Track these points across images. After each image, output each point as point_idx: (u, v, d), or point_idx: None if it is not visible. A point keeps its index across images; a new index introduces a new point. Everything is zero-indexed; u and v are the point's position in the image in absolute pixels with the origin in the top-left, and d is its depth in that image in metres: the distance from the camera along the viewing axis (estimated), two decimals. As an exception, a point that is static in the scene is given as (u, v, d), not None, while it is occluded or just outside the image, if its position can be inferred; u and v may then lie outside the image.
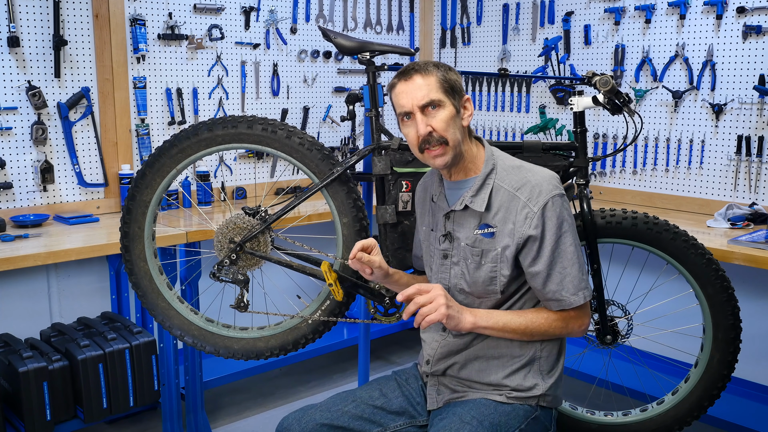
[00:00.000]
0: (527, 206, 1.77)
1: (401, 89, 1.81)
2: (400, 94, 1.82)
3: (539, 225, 1.76)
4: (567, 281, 1.78)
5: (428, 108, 1.78)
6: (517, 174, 1.83)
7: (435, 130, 1.78)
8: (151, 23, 3.31)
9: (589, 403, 2.83)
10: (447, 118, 1.78)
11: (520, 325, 1.80)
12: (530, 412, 1.86)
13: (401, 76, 1.82)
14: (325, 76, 3.98)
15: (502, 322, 1.80)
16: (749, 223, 2.92)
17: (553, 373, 1.90)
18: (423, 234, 2.02)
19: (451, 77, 1.81)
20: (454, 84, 1.81)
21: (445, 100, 1.79)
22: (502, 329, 1.80)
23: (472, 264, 1.84)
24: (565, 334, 1.86)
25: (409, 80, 1.80)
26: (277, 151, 2.19)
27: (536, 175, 1.82)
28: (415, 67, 1.81)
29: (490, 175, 1.84)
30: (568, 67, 3.76)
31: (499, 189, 1.82)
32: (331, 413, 1.89)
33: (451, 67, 1.85)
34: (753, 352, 2.86)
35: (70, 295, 3.20)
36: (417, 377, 2.03)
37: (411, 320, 2.17)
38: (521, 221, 1.78)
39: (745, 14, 3.10)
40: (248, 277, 2.21)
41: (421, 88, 1.78)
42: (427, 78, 1.79)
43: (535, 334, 1.82)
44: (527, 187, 1.79)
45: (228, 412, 3.42)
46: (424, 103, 1.78)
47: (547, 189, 1.78)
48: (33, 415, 2.61)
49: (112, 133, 3.25)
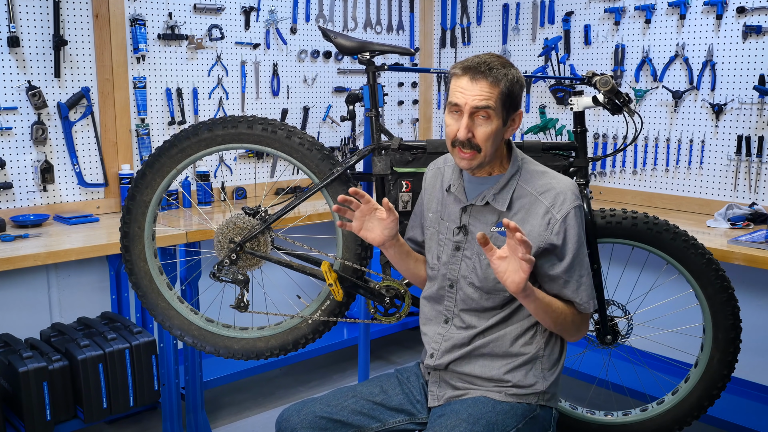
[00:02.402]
0: (550, 212, 1.79)
1: (464, 85, 1.76)
2: (460, 89, 1.77)
3: (561, 233, 1.78)
4: (582, 289, 1.82)
5: (478, 114, 1.76)
6: (542, 179, 1.84)
7: (475, 137, 1.77)
8: (151, 23, 3.31)
9: (589, 403, 2.83)
10: (491, 132, 1.76)
11: (557, 309, 1.80)
12: (529, 411, 1.86)
13: (470, 71, 1.76)
14: (325, 76, 3.98)
15: (547, 300, 1.79)
16: (749, 223, 2.92)
17: (553, 372, 1.90)
18: (430, 220, 2.00)
19: (515, 90, 1.78)
20: (514, 99, 1.79)
21: (498, 112, 1.76)
22: (546, 305, 1.77)
23: (485, 260, 1.84)
24: (574, 332, 1.88)
25: (475, 81, 1.75)
26: (277, 151, 2.19)
27: (560, 182, 1.83)
28: (485, 70, 1.74)
29: (514, 176, 1.85)
30: (568, 67, 3.76)
31: (522, 191, 1.83)
32: (331, 407, 1.91)
33: (520, 78, 1.80)
34: (753, 352, 2.86)
35: (70, 295, 3.20)
36: (418, 376, 2.03)
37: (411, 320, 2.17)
38: (543, 226, 1.79)
39: (745, 14, 3.10)
40: (248, 277, 2.21)
41: (482, 93, 1.74)
42: (493, 87, 1.74)
43: (563, 323, 1.82)
44: (551, 193, 1.80)
45: (228, 412, 3.42)
46: (477, 106, 1.75)
47: (571, 198, 1.80)
48: (33, 415, 2.61)
49: (112, 133, 3.25)
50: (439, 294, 1.96)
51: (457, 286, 1.91)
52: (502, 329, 1.88)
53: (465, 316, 1.91)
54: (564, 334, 1.88)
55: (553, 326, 1.83)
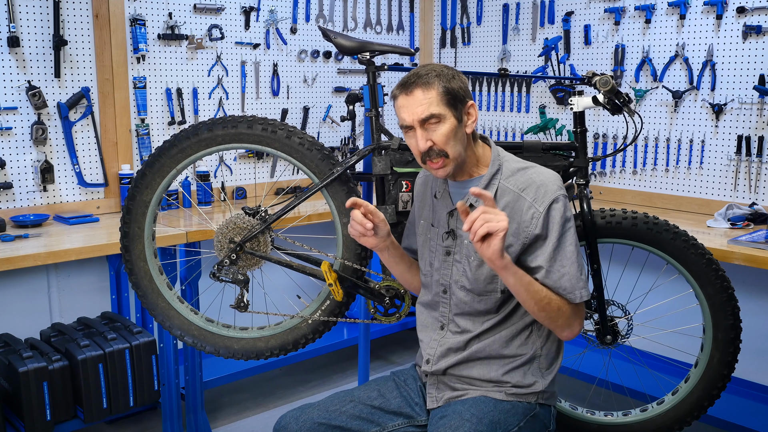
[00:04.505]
0: (533, 206, 1.78)
1: (402, 103, 1.80)
2: (401, 108, 1.81)
3: (544, 223, 1.77)
4: (564, 279, 1.79)
5: (429, 122, 1.77)
6: (523, 175, 1.83)
7: (435, 144, 1.77)
8: (151, 23, 3.31)
9: (589, 403, 2.82)
10: (447, 132, 1.77)
11: (540, 291, 1.76)
12: (529, 409, 1.87)
13: (402, 88, 1.80)
14: (325, 76, 3.98)
15: (528, 278, 1.75)
16: (749, 223, 2.92)
17: (551, 371, 1.91)
18: (421, 228, 2.01)
19: (453, 86, 1.79)
20: (456, 93, 1.79)
21: (445, 113, 1.77)
22: (527, 285, 1.74)
23: (474, 262, 1.85)
24: (565, 325, 1.82)
25: (409, 94, 1.78)
26: (277, 151, 2.19)
27: (540, 175, 1.82)
28: (415, 80, 1.78)
29: (495, 175, 1.84)
30: (568, 67, 3.76)
31: (504, 189, 1.83)
32: (329, 413, 1.90)
33: (455, 73, 1.81)
34: (753, 352, 2.86)
35: (70, 295, 3.20)
36: (415, 378, 2.03)
37: (411, 320, 2.17)
38: (527, 221, 1.79)
39: (745, 14, 3.10)
40: (248, 277, 2.21)
41: (421, 103, 1.76)
42: (427, 92, 1.76)
43: (547, 308, 1.77)
44: (532, 187, 1.80)
45: (228, 412, 3.42)
46: (423, 117, 1.76)
47: (552, 189, 1.79)
48: (33, 415, 2.61)
49: (112, 133, 3.25)
50: (434, 300, 1.96)
51: (450, 291, 1.91)
52: (497, 332, 1.88)
53: (459, 320, 1.91)
54: (553, 326, 1.82)
55: (538, 312, 1.77)
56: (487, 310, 1.87)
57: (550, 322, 1.81)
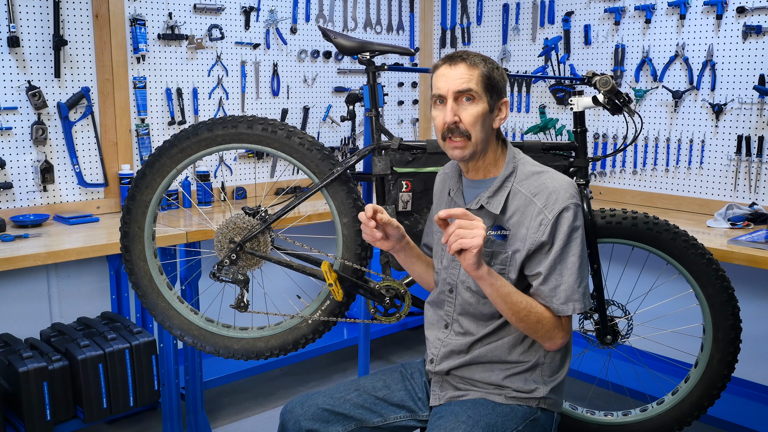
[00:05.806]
0: (542, 213, 1.76)
1: (443, 72, 1.79)
2: (440, 77, 1.79)
3: (550, 231, 1.75)
4: (561, 289, 1.76)
5: (462, 98, 1.77)
6: (536, 180, 1.81)
7: (461, 121, 1.76)
8: (151, 23, 3.31)
9: (589, 403, 2.83)
10: (477, 114, 1.76)
11: (520, 302, 1.73)
12: (529, 413, 1.86)
13: (448, 59, 1.80)
14: (325, 76, 3.98)
15: (507, 290, 1.73)
16: (749, 223, 2.92)
17: (555, 378, 1.89)
18: (437, 226, 2.01)
19: (495, 76, 1.79)
20: (496, 83, 1.79)
21: (481, 95, 1.77)
22: (505, 295, 1.72)
23: None
24: (545, 337, 1.80)
25: (453, 66, 1.78)
26: (277, 151, 2.19)
27: (554, 181, 1.79)
28: (463, 55, 1.79)
29: (509, 177, 1.83)
30: (568, 67, 3.76)
31: (516, 193, 1.81)
32: (334, 399, 1.92)
33: (499, 66, 1.82)
34: (753, 352, 2.86)
35: (70, 295, 3.20)
36: (422, 373, 2.03)
37: (411, 320, 2.16)
38: (535, 227, 1.76)
39: (745, 14, 3.10)
40: (248, 277, 2.21)
41: (462, 76, 1.76)
42: (472, 69, 1.77)
43: (525, 319, 1.75)
44: (544, 193, 1.77)
45: (228, 412, 3.42)
46: (460, 89, 1.76)
47: (564, 197, 1.76)
48: (33, 415, 2.61)
49: (112, 133, 3.25)
50: (440, 298, 1.96)
51: (456, 291, 1.90)
52: (500, 338, 1.86)
53: (463, 321, 1.90)
54: (534, 336, 1.80)
55: (517, 322, 1.75)
56: (491, 314, 1.86)
57: (531, 333, 1.80)
